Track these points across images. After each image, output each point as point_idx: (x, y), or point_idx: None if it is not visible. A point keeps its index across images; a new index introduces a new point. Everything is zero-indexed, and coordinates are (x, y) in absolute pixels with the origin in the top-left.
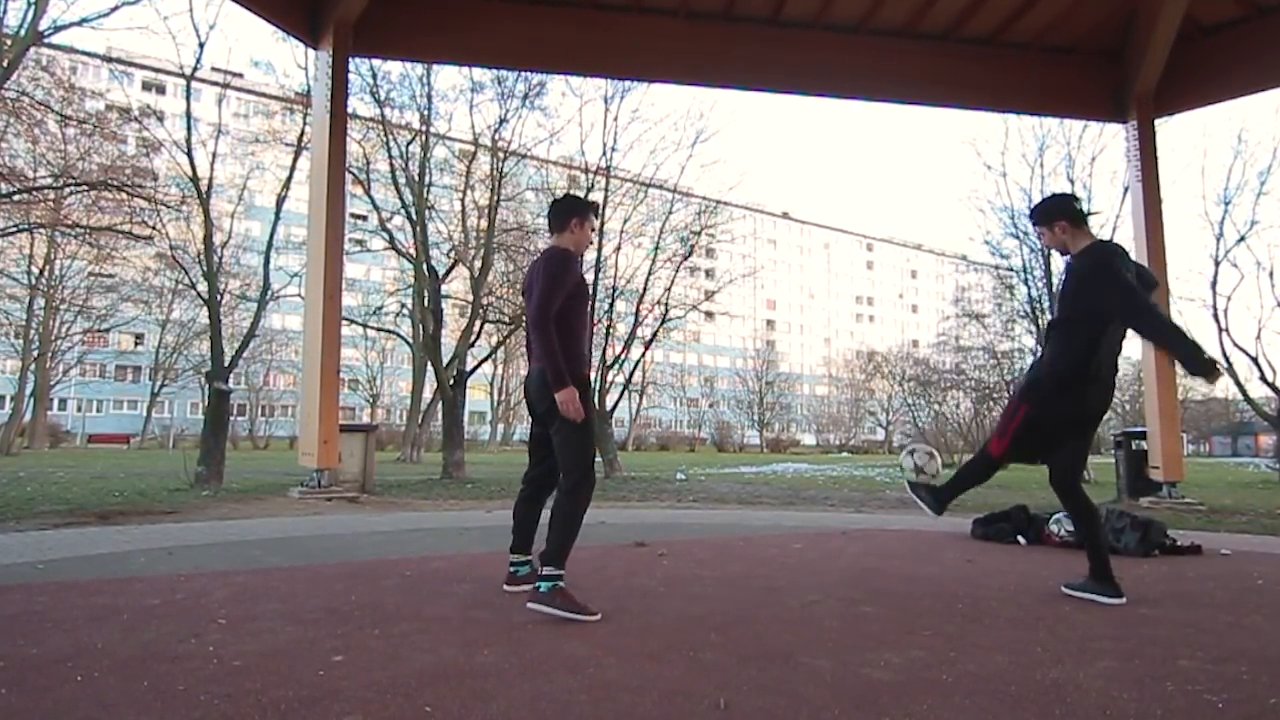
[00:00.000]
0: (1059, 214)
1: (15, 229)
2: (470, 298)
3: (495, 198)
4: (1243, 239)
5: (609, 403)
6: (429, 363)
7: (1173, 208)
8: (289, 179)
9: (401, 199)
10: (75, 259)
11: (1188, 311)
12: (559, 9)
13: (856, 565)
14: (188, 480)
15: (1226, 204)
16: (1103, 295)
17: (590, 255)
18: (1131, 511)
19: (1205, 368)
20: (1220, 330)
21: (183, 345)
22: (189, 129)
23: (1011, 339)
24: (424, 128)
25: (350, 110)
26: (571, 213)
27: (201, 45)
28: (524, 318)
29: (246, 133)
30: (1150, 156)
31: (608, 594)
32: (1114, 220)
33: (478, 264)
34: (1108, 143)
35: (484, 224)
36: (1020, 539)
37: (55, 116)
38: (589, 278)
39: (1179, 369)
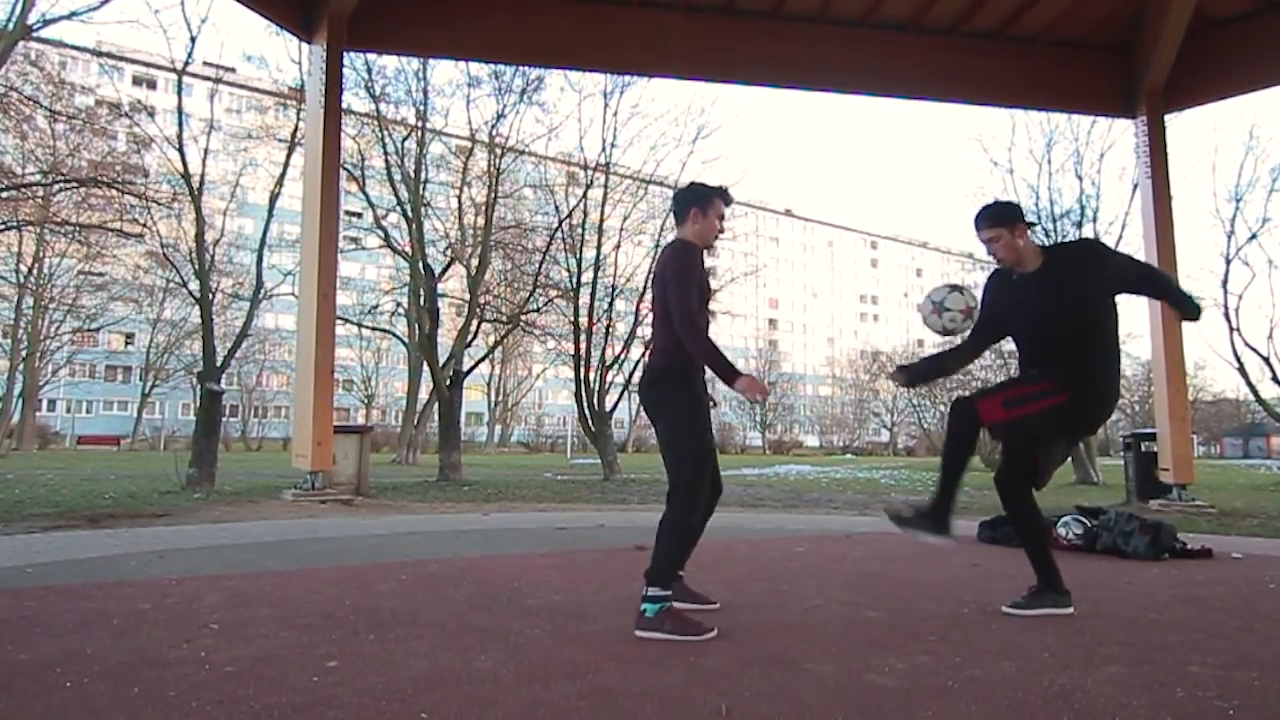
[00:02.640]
0: (1020, 216)
1: (4, 226)
2: (467, 296)
3: (493, 195)
4: (1254, 236)
5: (609, 404)
6: (425, 363)
7: (1183, 204)
8: (282, 175)
9: (397, 196)
10: (64, 257)
11: None
12: (557, 2)
13: (860, 569)
14: (179, 482)
15: (1238, 201)
16: (1133, 267)
17: (589, 254)
18: (1141, 514)
19: (1196, 310)
20: (1231, 330)
21: (174, 345)
22: (180, 125)
23: None
24: (420, 123)
25: (345, 105)
26: (690, 201)
27: (193, 39)
28: (522, 315)
29: (239, 128)
30: (1160, 152)
31: (607, 598)
32: (1123, 218)
33: (475, 262)
34: (1116, 139)
35: (481, 221)
36: None
37: (44, 112)
38: (587, 276)
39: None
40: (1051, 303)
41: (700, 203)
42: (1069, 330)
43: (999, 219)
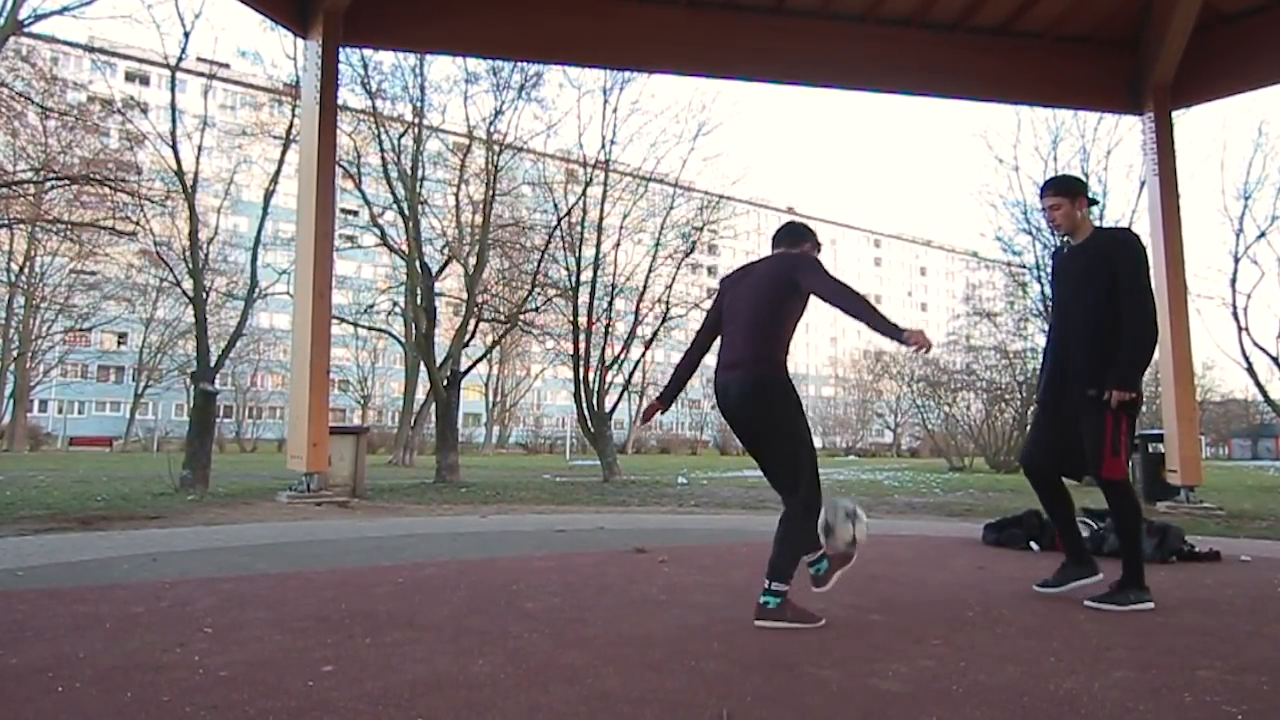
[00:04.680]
0: (1083, 191)
1: None
2: (464, 295)
3: (490, 192)
4: (1263, 235)
5: (608, 404)
6: (422, 363)
7: (1191, 202)
8: (277, 173)
9: (393, 193)
10: (56, 256)
11: (1206, 310)
12: None
13: (864, 572)
14: (172, 484)
15: (1246, 199)
16: (1130, 288)
17: (588, 252)
18: (1148, 517)
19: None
20: (1240, 329)
21: (167, 345)
22: (174, 121)
23: (1024, 338)
24: (417, 120)
25: (340, 102)
26: (814, 238)
27: (186, 34)
28: (520, 315)
29: (233, 125)
30: (1167, 150)
31: (607, 601)
32: (1130, 215)
33: (472, 261)
34: (1123, 135)
35: (479, 219)
36: (1033, 545)
37: (36, 108)
38: (586, 275)
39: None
40: (1080, 277)
41: (816, 245)
42: (1087, 305)
43: (1063, 189)
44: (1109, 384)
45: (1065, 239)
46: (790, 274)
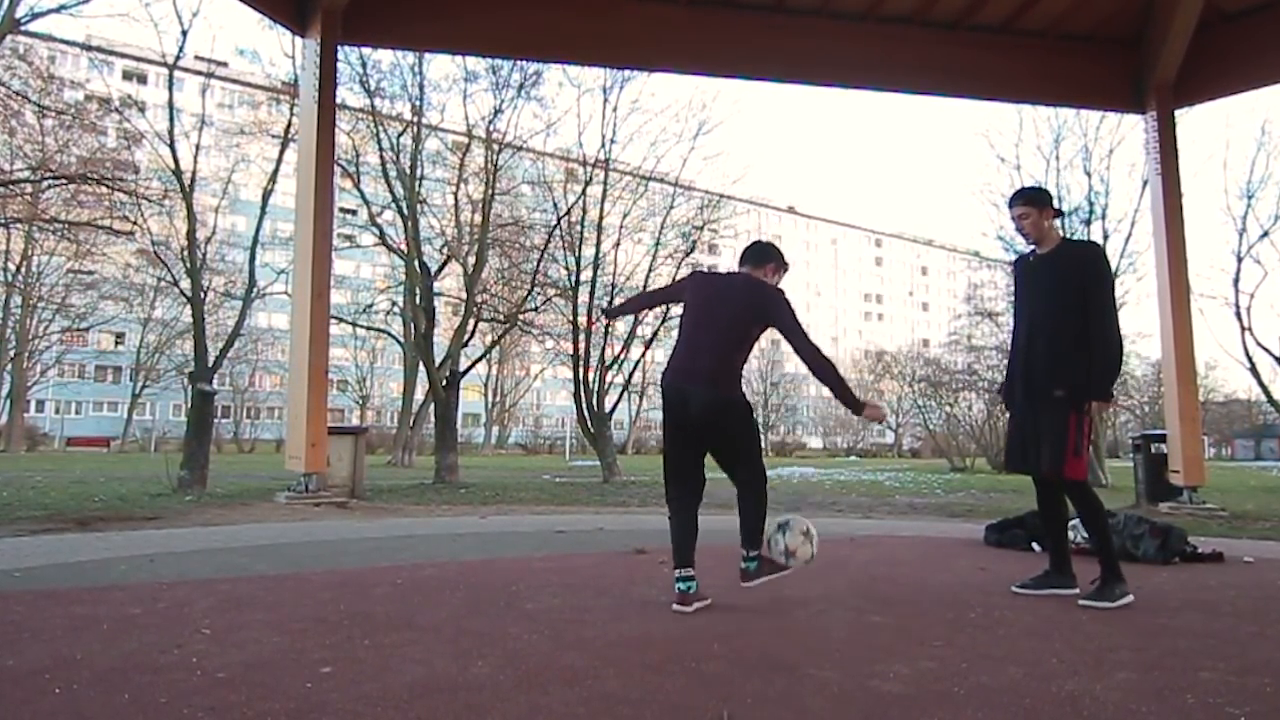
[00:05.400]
0: (1049, 202)
1: None
2: (464, 295)
3: (490, 191)
4: (1266, 234)
5: (608, 404)
6: (421, 363)
7: (1193, 201)
8: (275, 172)
9: (392, 193)
10: (53, 255)
11: (1209, 310)
12: None
13: (865, 573)
14: (170, 485)
15: (1249, 198)
16: (1097, 300)
17: (588, 252)
18: (1151, 517)
19: (1098, 390)
20: (1243, 329)
21: (165, 345)
22: (171, 120)
23: None
24: (416, 119)
25: (339, 100)
26: (779, 261)
27: (184, 33)
28: (520, 315)
29: (231, 124)
30: (1170, 149)
31: (606, 603)
32: (1133, 214)
33: (471, 260)
34: (1126, 134)
35: (478, 219)
36: (1035, 546)
37: (33, 107)
38: (586, 275)
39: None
40: (1048, 286)
41: (781, 266)
42: (1056, 312)
43: (1030, 200)
44: (1088, 398)
45: (1032, 247)
46: (762, 309)
